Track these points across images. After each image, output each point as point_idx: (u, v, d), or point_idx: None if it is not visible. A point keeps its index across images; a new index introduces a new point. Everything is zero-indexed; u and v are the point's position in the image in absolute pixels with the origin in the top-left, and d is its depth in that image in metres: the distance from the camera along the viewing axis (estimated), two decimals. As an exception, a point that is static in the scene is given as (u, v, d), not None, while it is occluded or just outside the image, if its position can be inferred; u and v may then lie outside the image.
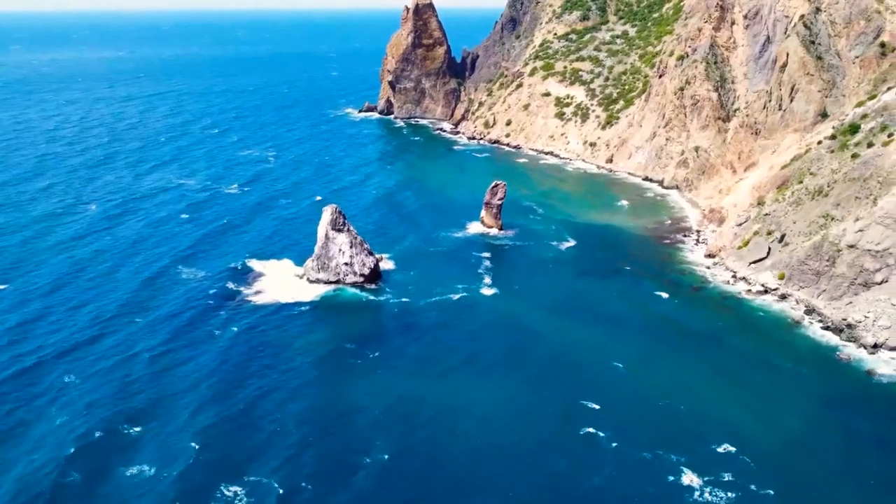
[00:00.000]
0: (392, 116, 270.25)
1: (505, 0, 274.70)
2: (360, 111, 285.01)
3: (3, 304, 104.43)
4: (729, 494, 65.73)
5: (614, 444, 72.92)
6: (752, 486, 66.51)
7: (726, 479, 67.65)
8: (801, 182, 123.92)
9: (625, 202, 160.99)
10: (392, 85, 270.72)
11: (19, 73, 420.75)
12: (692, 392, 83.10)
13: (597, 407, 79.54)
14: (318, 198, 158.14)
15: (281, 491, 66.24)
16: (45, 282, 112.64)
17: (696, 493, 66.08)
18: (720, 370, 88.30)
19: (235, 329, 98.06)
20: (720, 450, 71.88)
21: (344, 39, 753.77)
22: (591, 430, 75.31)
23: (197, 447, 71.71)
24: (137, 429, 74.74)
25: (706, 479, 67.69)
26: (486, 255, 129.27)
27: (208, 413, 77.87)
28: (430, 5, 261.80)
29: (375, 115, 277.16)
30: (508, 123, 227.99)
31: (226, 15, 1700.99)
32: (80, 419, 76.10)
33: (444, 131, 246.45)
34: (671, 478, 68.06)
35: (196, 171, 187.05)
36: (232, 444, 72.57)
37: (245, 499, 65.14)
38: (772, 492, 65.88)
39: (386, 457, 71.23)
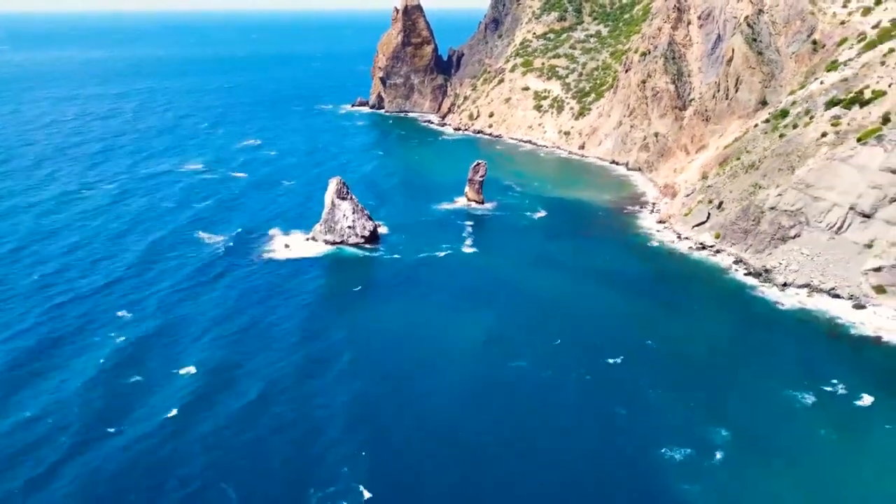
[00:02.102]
0: (383, 110, 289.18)
1: (488, 1, 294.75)
2: (352, 106, 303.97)
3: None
4: (651, 370, 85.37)
5: (558, 342, 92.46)
6: (666, 369, 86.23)
7: (654, 364, 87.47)
8: (738, 159, 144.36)
9: (593, 182, 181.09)
10: (383, 81, 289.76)
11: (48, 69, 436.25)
12: (633, 314, 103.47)
13: (557, 331, 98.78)
14: (319, 177, 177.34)
15: (293, 368, 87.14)
16: (72, 242, 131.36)
17: (621, 370, 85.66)
18: (658, 301, 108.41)
19: (254, 274, 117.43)
20: (648, 342, 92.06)
21: (328, 41, 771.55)
22: (552, 338, 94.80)
23: (219, 345, 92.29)
24: (180, 330, 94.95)
25: (633, 363, 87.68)
26: (469, 223, 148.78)
27: (228, 326, 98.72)
28: (419, 6, 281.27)
29: (367, 109, 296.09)
30: (491, 115, 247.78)
31: (213, 16, 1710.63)
32: (136, 327, 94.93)
33: (432, 123, 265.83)
34: (609, 360, 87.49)
35: (203, 156, 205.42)
36: (246, 345, 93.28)
37: (262, 370, 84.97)
38: (687, 376, 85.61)
39: (378, 354, 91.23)
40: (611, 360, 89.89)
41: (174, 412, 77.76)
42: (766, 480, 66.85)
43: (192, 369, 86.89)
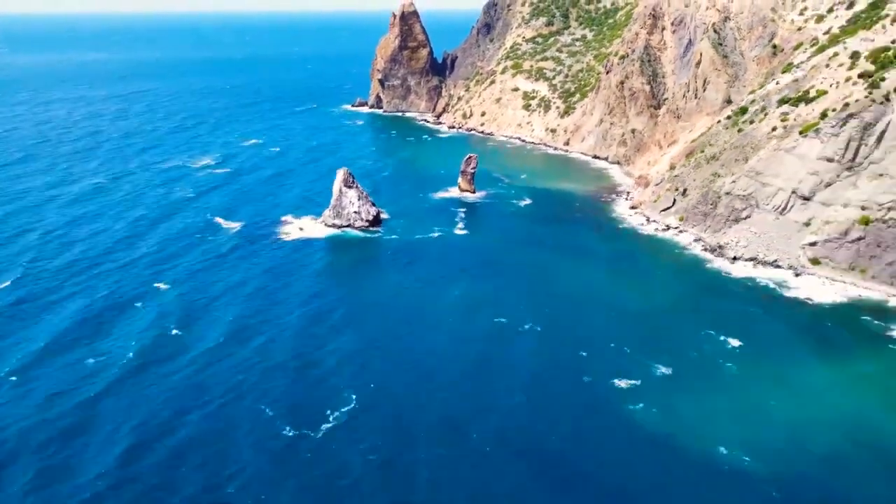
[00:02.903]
0: (381, 110, 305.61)
1: (481, 2, 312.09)
2: (352, 106, 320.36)
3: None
4: (606, 330, 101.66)
5: (536, 303, 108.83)
6: (626, 322, 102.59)
7: (616, 318, 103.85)
8: (702, 151, 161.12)
9: (575, 174, 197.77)
10: (381, 82, 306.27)
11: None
12: (602, 281, 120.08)
13: (535, 294, 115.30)
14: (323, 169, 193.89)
15: (300, 320, 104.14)
16: (111, 228, 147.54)
17: (587, 324, 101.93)
18: (625, 272, 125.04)
19: (271, 251, 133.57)
20: (614, 301, 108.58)
21: (325, 43, 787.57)
22: (531, 300, 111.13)
23: (241, 303, 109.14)
24: (209, 293, 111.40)
25: (598, 318, 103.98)
26: (461, 209, 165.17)
27: (249, 290, 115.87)
28: (415, 13, 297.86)
29: (366, 109, 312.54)
30: (483, 114, 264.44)
31: (210, 18, 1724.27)
32: (171, 292, 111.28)
33: (428, 122, 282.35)
34: (579, 316, 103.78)
35: (213, 153, 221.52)
36: (263, 303, 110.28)
37: (275, 321, 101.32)
38: (642, 328, 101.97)
39: (375, 310, 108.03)
40: (580, 316, 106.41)
41: (211, 345, 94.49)
42: (695, 402, 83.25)
43: (222, 320, 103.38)
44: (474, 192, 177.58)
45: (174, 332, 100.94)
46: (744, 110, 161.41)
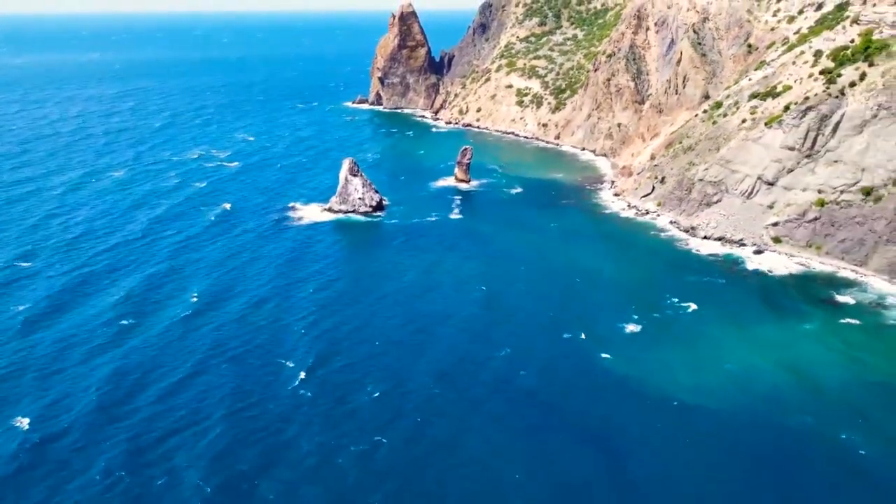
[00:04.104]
0: (381, 107, 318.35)
1: (476, 2, 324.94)
2: (353, 103, 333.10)
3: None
4: (585, 297, 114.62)
5: (524, 274, 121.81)
6: (603, 289, 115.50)
7: (595, 287, 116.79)
8: (680, 143, 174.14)
9: (564, 165, 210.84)
10: (381, 80, 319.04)
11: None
12: (584, 257, 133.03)
13: (522, 267, 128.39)
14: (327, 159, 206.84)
15: (311, 290, 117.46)
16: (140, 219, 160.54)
17: (568, 291, 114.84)
18: (605, 249, 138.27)
19: (285, 233, 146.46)
20: (594, 273, 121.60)
21: (324, 42, 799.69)
22: (519, 272, 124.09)
23: (268, 275, 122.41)
24: (229, 264, 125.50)
25: (579, 287, 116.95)
26: (457, 197, 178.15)
27: (269, 264, 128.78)
28: (413, 13, 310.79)
29: (367, 106, 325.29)
30: (479, 110, 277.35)
31: (212, 18, 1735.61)
32: (207, 273, 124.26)
33: (426, 118, 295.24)
34: (561, 285, 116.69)
35: (223, 146, 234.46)
36: (286, 273, 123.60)
37: (283, 285, 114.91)
38: (617, 295, 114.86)
39: (373, 279, 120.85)
40: (563, 286, 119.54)
41: (240, 307, 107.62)
42: (655, 353, 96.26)
43: (247, 290, 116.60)
44: (469, 182, 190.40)
45: (201, 300, 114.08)
46: (718, 105, 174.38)
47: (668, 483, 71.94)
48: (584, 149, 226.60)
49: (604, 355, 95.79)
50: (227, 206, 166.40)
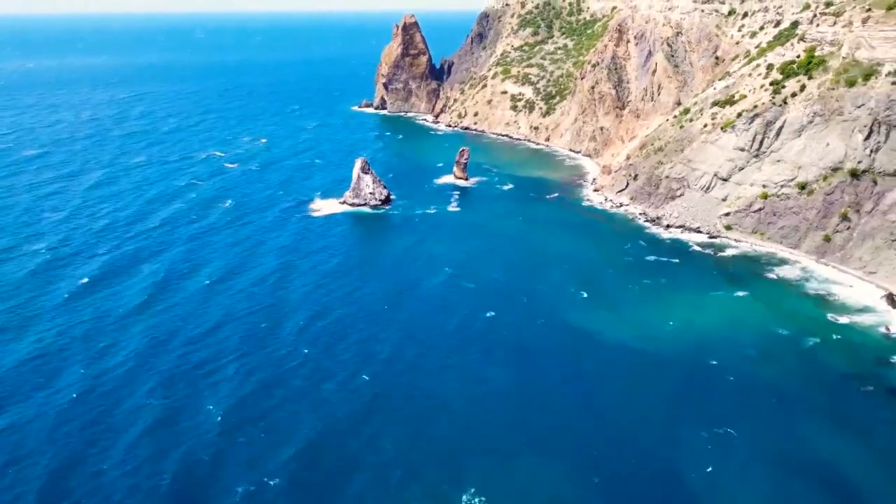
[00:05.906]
0: (385, 111, 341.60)
1: (474, 4, 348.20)
2: (359, 107, 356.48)
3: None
4: (559, 274, 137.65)
5: (513, 258, 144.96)
6: (573, 267, 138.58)
7: (567, 265, 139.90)
8: (652, 144, 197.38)
9: (552, 165, 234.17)
10: (385, 86, 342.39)
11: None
12: (564, 242, 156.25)
13: (508, 248, 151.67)
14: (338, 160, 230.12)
15: (334, 265, 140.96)
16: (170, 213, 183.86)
17: (546, 269, 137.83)
18: (582, 236, 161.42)
19: (304, 224, 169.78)
20: (569, 255, 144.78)
21: (324, 46, 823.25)
22: (509, 257, 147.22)
23: (274, 256, 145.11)
24: (256, 249, 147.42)
25: (555, 266, 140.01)
26: (455, 193, 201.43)
27: (285, 247, 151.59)
28: (416, 24, 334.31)
29: (371, 110, 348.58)
30: (476, 114, 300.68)
31: (214, 19, 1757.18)
32: (225, 256, 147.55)
33: (427, 121, 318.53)
34: (540, 264, 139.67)
35: (239, 148, 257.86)
36: (292, 255, 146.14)
37: (317, 269, 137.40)
38: (586, 271, 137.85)
39: (388, 261, 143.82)
40: (541, 265, 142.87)
41: (263, 276, 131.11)
42: (614, 313, 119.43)
43: (269, 264, 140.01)
44: (467, 180, 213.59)
45: (242, 272, 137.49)
46: (686, 111, 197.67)
47: (620, 398, 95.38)
48: (571, 150, 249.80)
49: (570, 315, 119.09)
50: (253, 200, 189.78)
